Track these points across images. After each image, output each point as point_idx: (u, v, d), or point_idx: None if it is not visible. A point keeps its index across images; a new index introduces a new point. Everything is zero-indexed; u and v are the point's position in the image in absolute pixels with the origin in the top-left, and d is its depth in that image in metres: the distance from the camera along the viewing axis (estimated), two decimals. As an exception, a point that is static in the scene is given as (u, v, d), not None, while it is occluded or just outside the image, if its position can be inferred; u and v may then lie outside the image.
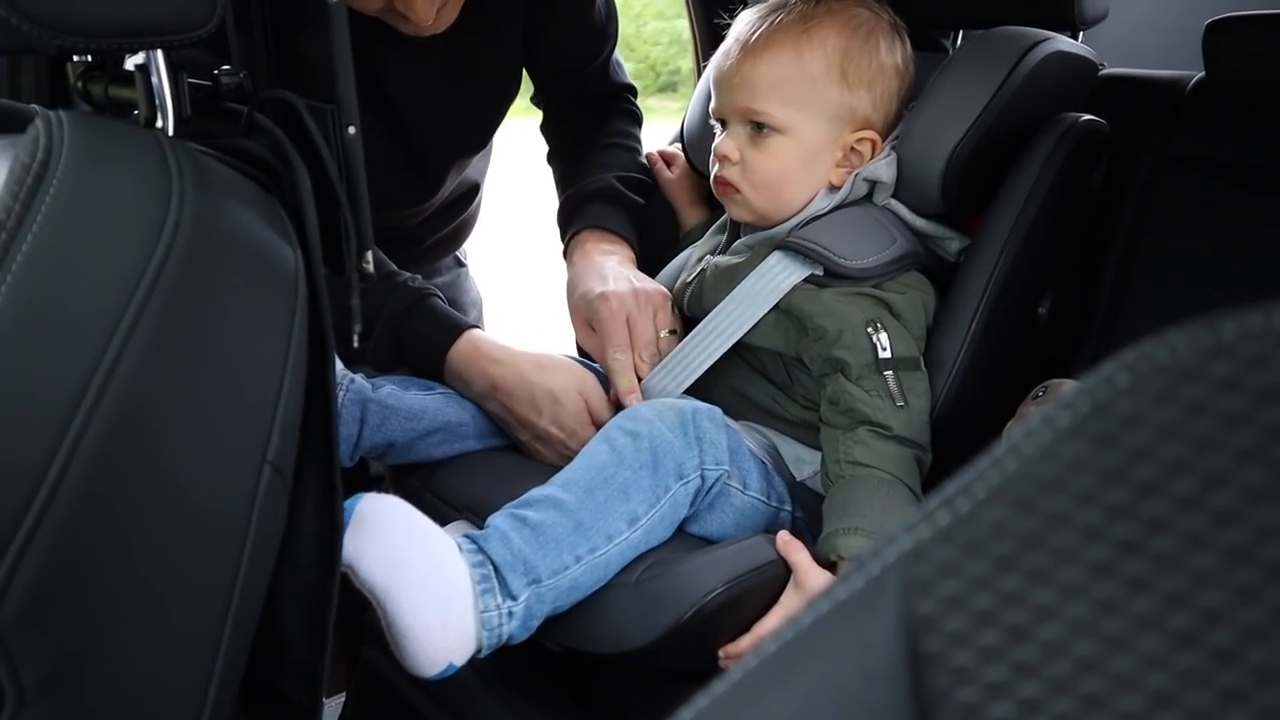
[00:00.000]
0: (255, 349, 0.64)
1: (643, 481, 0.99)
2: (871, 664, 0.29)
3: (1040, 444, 0.28)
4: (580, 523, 0.95)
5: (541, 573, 0.93)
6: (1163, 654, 0.26)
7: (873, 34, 1.14)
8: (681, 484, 1.01)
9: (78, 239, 0.56)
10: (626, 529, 0.97)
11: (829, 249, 1.09)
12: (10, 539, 0.53)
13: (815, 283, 1.10)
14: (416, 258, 1.43)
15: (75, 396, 0.54)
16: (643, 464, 0.99)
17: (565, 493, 0.97)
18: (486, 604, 0.91)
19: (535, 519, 0.95)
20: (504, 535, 0.94)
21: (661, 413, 1.03)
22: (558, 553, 0.94)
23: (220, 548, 0.64)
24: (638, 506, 0.98)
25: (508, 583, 0.92)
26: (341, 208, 0.73)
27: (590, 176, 1.38)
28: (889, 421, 1.03)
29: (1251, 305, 0.26)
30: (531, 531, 0.94)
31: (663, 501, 0.99)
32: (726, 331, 1.13)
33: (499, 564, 0.92)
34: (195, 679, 0.65)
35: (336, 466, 0.74)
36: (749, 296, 1.12)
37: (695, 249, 1.30)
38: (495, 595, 0.92)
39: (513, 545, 0.93)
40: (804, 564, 0.99)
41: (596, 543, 0.96)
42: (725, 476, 1.04)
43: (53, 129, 0.58)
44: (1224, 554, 0.25)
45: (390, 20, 1.12)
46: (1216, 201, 1.28)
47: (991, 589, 0.28)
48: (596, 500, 0.97)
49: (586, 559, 0.95)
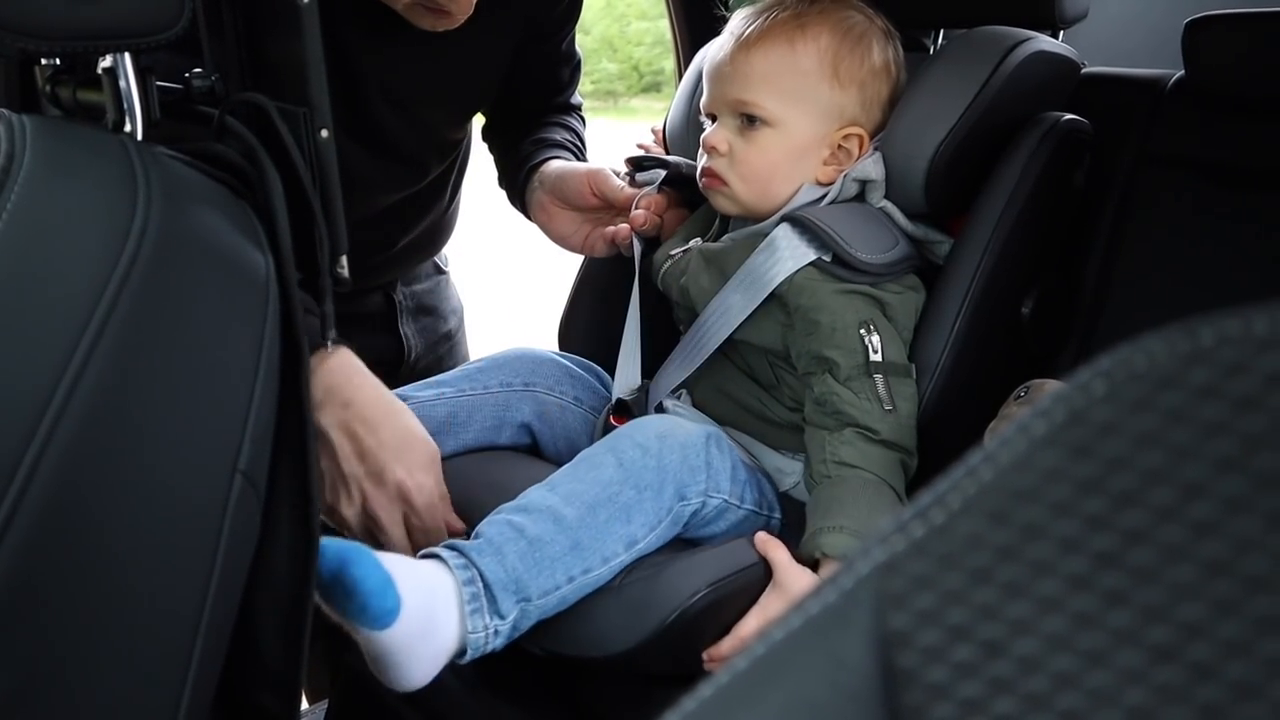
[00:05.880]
0: (225, 356, 0.63)
1: (646, 504, 0.97)
2: (844, 680, 0.28)
3: (1015, 453, 0.27)
4: (578, 542, 0.93)
5: (532, 592, 0.91)
6: (1141, 669, 0.25)
7: (865, 36, 1.14)
8: (682, 504, 1.00)
9: (39, 247, 0.55)
10: (624, 551, 0.96)
11: (839, 235, 1.07)
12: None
13: (820, 268, 1.08)
14: (393, 260, 1.41)
15: (39, 406, 0.53)
16: (648, 484, 0.97)
17: (567, 506, 0.95)
18: (475, 624, 0.90)
19: (533, 532, 0.93)
20: (498, 550, 0.92)
21: (673, 431, 1.02)
22: (551, 572, 0.92)
23: (191, 557, 0.63)
24: (638, 529, 0.96)
25: (497, 601, 0.90)
26: (314, 212, 0.72)
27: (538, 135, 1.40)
28: (876, 425, 1.03)
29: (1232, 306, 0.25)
30: (528, 545, 0.92)
31: (662, 523, 0.98)
32: (726, 315, 1.13)
33: (491, 582, 0.90)
34: (167, 690, 0.64)
35: (312, 475, 0.73)
36: (750, 278, 1.11)
37: (682, 229, 1.29)
38: (484, 615, 0.90)
39: (506, 562, 0.91)
40: (783, 561, 0.98)
41: (591, 564, 0.94)
42: (725, 499, 1.04)
43: (14, 134, 0.57)
44: (1203, 566, 0.25)
45: (413, 16, 1.10)
46: (1197, 199, 1.28)
47: (966, 602, 0.27)
48: (598, 519, 0.95)
49: (579, 579, 0.94)
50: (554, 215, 1.34)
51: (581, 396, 1.26)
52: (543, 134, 1.42)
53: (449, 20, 1.10)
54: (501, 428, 1.22)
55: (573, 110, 1.50)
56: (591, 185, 1.29)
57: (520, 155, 1.40)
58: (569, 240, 1.35)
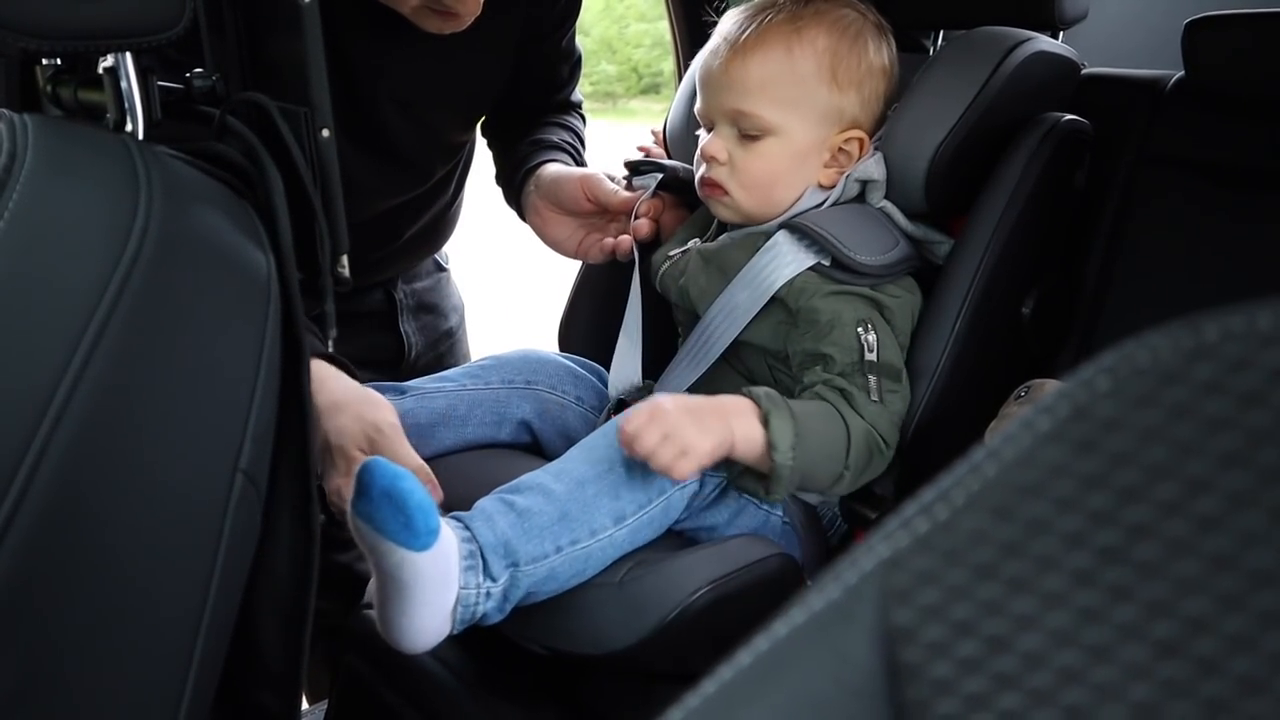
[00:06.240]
0: (226, 356, 0.63)
1: (636, 482, 0.98)
2: (848, 676, 0.28)
3: (1019, 449, 0.27)
4: (566, 514, 0.95)
5: (520, 557, 0.93)
6: (1146, 664, 0.25)
7: (861, 34, 1.14)
8: (677, 489, 1.00)
9: (41, 247, 0.55)
10: (612, 526, 0.97)
11: (837, 239, 1.08)
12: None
13: (819, 273, 1.09)
14: (394, 256, 1.41)
15: (41, 405, 0.53)
16: (637, 464, 0.98)
17: (556, 481, 0.97)
18: (467, 581, 0.91)
19: (522, 505, 0.95)
20: (489, 517, 0.94)
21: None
22: (540, 541, 0.94)
23: (192, 557, 0.63)
24: (626, 505, 0.97)
25: (489, 564, 0.92)
26: (315, 211, 0.72)
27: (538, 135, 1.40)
28: (862, 409, 1.04)
29: (1233, 304, 0.25)
30: (517, 516, 0.94)
31: (654, 504, 0.99)
32: (733, 316, 1.13)
33: (483, 545, 0.92)
34: (168, 689, 0.64)
35: (312, 475, 0.73)
36: (753, 279, 1.12)
37: (680, 231, 1.29)
38: (477, 574, 0.92)
39: (497, 528, 0.93)
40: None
41: (579, 535, 0.95)
42: (723, 478, 1.04)
43: (16, 134, 0.57)
44: (1207, 561, 0.25)
45: (419, 19, 1.10)
46: (1197, 199, 1.28)
47: (971, 598, 0.27)
48: (586, 494, 0.96)
49: (567, 550, 0.95)
50: (548, 220, 1.33)
51: (583, 396, 1.26)
52: (541, 134, 1.41)
53: (456, 23, 1.10)
54: (501, 424, 1.22)
55: (573, 108, 1.50)
56: (585, 190, 1.29)
57: (517, 156, 1.40)
58: (563, 245, 1.34)
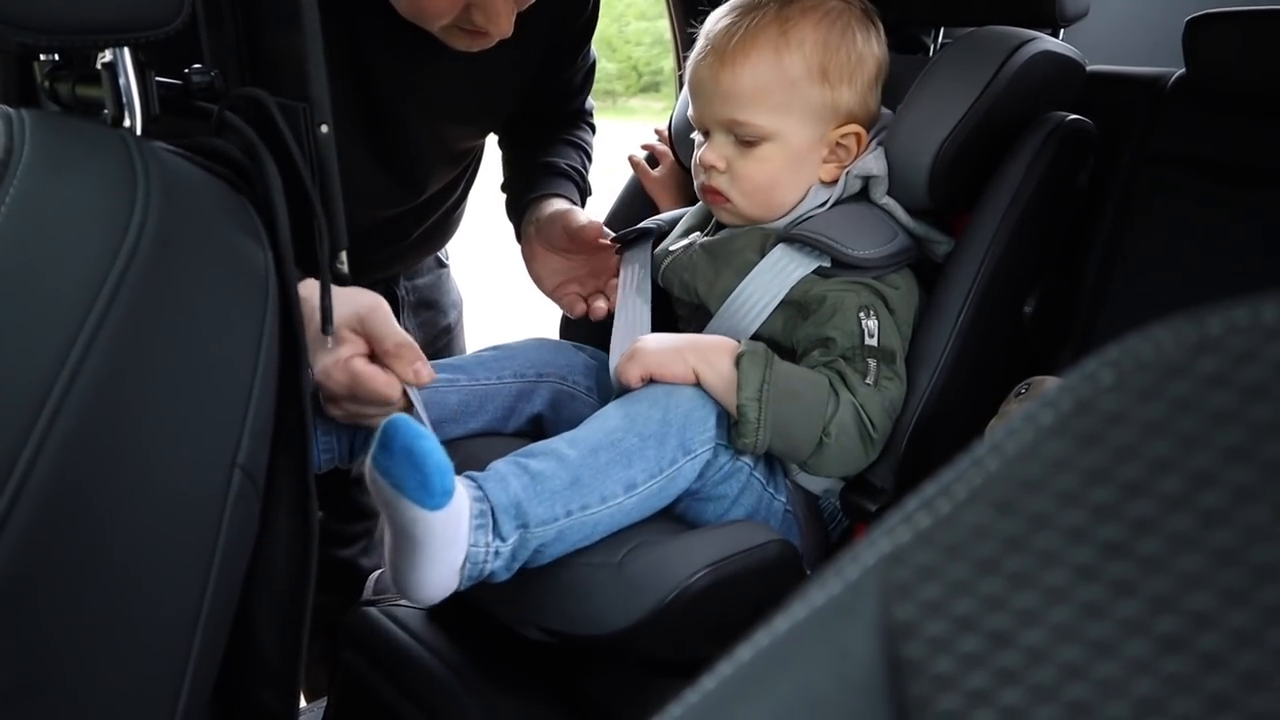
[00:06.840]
0: (224, 351, 0.63)
1: (649, 451, 0.99)
2: (849, 672, 0.28)
3: (1022, 443, 0.27)
4: (577, 479, 0.96)
5: (531, 519, 0.93)
6: (1149, 659, 0.25)
7: (848, 26, 1.13)
8: (689, 459, 1.01)
9: (38, 242, 0.55)
10: (622, 494, 0.98)
11: (834, 239, 1.09)
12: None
13: (821, 274, 1.11)
14: (401, 254, 1.41)
15: (38, 400, 0.53)
16: (651, 434, 0.99)
17: (570, 448, 0.98)
18: (477, 539, 0.92)
19: (536, 468, 0.96)
20: (503, 478, 0.95)
21: (683, 388, 1.03)
22: (550, 504, 0.94)
23: (190, 551, 0.63)
24: (638, 474, 0.98)
25: (499, 524, 0.93)
26: (314, 207, 0.72)
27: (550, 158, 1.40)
28: (855, 389, 1.05)
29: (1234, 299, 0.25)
30: (530, 479, 0.95)
31: (665, 473, 1.00)
32: (740, 325, 1.14)
33: (494, 504, 0.93)
34: (166, 684, 0.64)
35: (310, 471, 0.73)
36: (758, 292, 1.13)
37: (682, 222, 1.29)
38: (487, 533, 0.92)
39: (509, 489, 0.94)
40: None
41: (589, 501, 0.96)
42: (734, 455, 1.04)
43: (13, 129, 0.57)
44: (1212, 555, 0.24)
45: (448, 37, 1.09)
46: (1197, 197, 1.28)
47: (973, 593, 0.27)
48: (599, 460, 0.97)
49: (577, 514, 0.95)
50: (536, 254, 1.34)
51: (594, 386, 1.26)
52: (551, 156, 1.41)
53: (485, 41, 1.10)
54: (510, 418, 1.22)
55: (583, 117, 1.50)
56: (567, 231, 1.30)
57: (527, 178, 1.40)
58: (542, 283, 1.36)
